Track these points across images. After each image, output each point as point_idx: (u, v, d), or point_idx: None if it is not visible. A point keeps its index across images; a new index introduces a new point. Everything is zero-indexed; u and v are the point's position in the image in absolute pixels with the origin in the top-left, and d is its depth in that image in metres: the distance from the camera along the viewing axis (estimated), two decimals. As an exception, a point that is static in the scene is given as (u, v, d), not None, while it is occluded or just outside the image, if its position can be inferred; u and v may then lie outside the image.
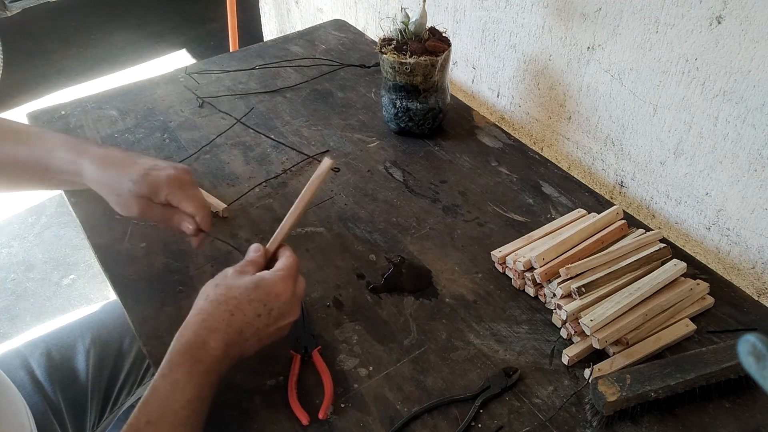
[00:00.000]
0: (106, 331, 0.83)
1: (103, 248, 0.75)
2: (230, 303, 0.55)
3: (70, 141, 0.67)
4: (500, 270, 0.74)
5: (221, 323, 0.54)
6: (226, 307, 0.55)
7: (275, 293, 0.57)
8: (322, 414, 0.58)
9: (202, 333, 0.53)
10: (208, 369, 0.52)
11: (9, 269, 1.78)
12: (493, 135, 0.96)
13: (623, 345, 0.63)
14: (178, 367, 0.52)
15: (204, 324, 0.54)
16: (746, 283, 0.81)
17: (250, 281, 0.57)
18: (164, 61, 2.72)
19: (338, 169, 0.80)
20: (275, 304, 0.57)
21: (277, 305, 0.57)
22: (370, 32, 1.38)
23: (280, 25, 1.96)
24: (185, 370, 0.51)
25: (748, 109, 0.72)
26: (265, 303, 0.56)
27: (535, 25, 0.96)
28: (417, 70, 0.85)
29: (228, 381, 0.57)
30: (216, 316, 0.54)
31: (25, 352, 0.79)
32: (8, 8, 2.38)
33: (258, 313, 0.56)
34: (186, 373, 0.51)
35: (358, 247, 0.77)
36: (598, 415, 0.57)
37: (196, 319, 0.55)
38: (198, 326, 0.54)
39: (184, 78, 1.08)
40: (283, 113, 1.00)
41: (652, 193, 0.89)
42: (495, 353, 0.64)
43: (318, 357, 0.63)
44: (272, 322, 0.57)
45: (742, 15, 0.68)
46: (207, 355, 0.53)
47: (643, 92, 0.84)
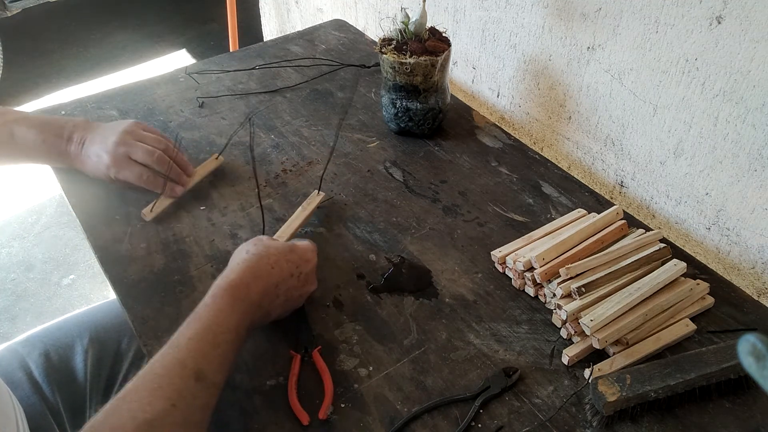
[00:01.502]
0: (105, 331, 0.82)
1: (103, 248, 0.75)
2: (271, 258, 0.61)
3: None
4: (500, 270, 0.74)
5: (264, 272, 0.59)
6: (268, 261, 0.60)
7: (306, 258, 0.64)
8: (323, 414, 0.58)
9: (246, 276, 0.58)
10: (246, 309, 0.56)
11: (9, 269, 1.78)
12: (493, 135, 0.96)
13: (623, 345, 0.63)
14: (221, 299, 0.55)
15: (249, 270, 0.59)
16: (746, 283, 0.81)
17: (286, 245, 0.64)
18: (164, 61, 2.72)
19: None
20: (305, 268, 0.63)
21: (306, 270, 0.63)
22: (370, 32, 1.38)
23: (280, 25, 1.96)
24: (228, 302, 0.55)
25: (748, 109, 0.72)
26: (297, 265, 0.62)
27: (535, 25, 0.96)
28: (417, 70, 0.85)
29: (228, 381, 0.57)
30: (260, 266, 0.59)
31: (23, 352, 0.78)
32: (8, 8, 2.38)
33: (291, 273, 0.62)
34: (229, 305, 0.55)
35: (358, 247, 0.77)
36: (598, 415, 0.57)
37: (240, 266, 0.59)
38: (243, 271, 0.58)
39: (184, 78, 1.08)
40: (283, 113, 1.00)
41: (652, 193, 0.89)
42: (495, 353, 0.64)
43: (318, 357, 0.63)
44: (300, 285, 0.62)
45: (742, 15, 0.68)
46: (248, 296, 0.57)
47: (643, 92, 0.84)
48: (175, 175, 0.79)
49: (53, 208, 1.98)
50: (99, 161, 0.77)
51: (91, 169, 0.79)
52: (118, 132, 0.77)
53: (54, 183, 0.85)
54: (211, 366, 0.51)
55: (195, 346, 0.52)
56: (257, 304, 0.58)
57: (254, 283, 0.58)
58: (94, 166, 0.78)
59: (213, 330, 0.53)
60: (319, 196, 0.79)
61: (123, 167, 0.76)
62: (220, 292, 0.56)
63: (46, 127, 0.78)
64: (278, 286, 0.60)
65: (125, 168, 0.76)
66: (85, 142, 0.78)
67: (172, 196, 0.79)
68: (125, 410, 0.46)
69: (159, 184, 0.78)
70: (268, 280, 0.59)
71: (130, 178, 0.77)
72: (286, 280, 0.61)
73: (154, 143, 0.79)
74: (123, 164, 0.76)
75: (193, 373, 0.50)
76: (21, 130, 0.77)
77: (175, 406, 0.47)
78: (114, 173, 0.77)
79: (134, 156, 0.77)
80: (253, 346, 0.65)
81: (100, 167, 0.77)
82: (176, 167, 0.79)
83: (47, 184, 2.01)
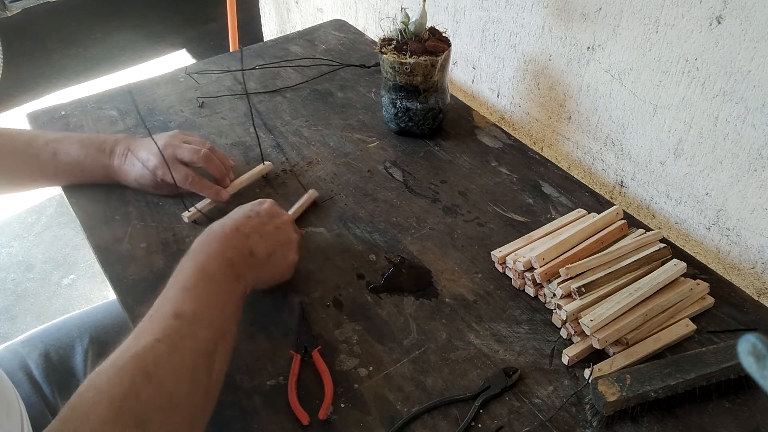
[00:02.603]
0: (105, 331, 0.83)
1: (103, 248, 0.75)
2: (219, 222, 0.65)
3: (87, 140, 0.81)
4: (500, 270, 0.74)
5: (216, 230, 0.63)
6: (218, 224, 0.64)
7: (256, 203, 0.69)
8: (323, 414, 0.58)
9: (201, 239, 0.62)
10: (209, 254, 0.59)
11: (9, 269, 1.78)
12: (493, 135, 0.96)
13: (623, 345, 0.63)
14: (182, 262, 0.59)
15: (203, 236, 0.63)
16: (746, 283, 0.81)
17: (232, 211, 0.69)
18: (164, 61, 2.72)
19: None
20: (259, 208, 0.68)
21: (261, 208, 0.68)
22: (370, 32, 1.38)
23: (280, 25, 1.96)
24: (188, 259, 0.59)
25: (748, 109, 0.72)
26: (250, 209, 0.67)
27: (535, 25, 0.96)
28: (417, 70, 0.85)
29: (228, 381, 0.57)
30: (212, 229, 0.64)
31: (23, 352, 0.78)
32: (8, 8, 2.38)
33: (247, 215, 0.66)
34: (187, 262, 0.58)
35: (358, 247, 0.77)
36: (598, 415, 0.57)
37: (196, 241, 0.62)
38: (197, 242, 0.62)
39: (184, 78, 1.08)
40: (283, 113, 1.00)
41: (652, 193, 0.89)
42: (495, 353, 0.64)
43: (318, 357, 0.63)
44: (265, 221, 0.66)
45: (742, 15, 0.68)
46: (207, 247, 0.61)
47: (643, 92, 0.84)
48: (220, 174, 0.80)
49: (53, 208, 1.98)
50: (146, 165, 0.78)
51: (135, 177, 0.79)
52: (163, 137, 0.80)
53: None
54: (186, 304, 0.54)
55: (167, 293, 0.55)
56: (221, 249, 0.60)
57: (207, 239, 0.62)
58: (138, 173, 0.78)
59: (178, 280, 0.56)
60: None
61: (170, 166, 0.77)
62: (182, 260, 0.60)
63: (87, 143, 0.79)
64: (238, 228, 0.63)
65: (172, 169, 0.77)
66: (129, 153, 0.79)
67: (218, 200, 0.79)
68: (119, 350, 0.49)
69: (203, 187, 0.79)
70: (224, 230, 0.63)
71: (177, 179, 0.77)
72: (245, 222, 0.65)
73: (199, 145, 0.80)
74: (170, 163, 0.77)
75: (171, 314, 0.52)
76: (63, 148, 0.78)
77: (158, 339, 0.50)
78: (161, 174, 0.77)
79: (181, 155, 0.78)
80: (253, 346, 0.65)
81: (145, 172, 0.78)
82: (221, 166, 0.80)
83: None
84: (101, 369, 0.48)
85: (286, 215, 0.70)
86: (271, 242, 0.65)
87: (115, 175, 0.80)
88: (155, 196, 0.82)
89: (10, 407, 0.61)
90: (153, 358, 0.48)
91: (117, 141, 0.80)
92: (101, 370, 0.48)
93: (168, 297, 0.55)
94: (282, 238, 0.67)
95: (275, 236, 0.66)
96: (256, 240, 0.64)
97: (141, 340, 0.50)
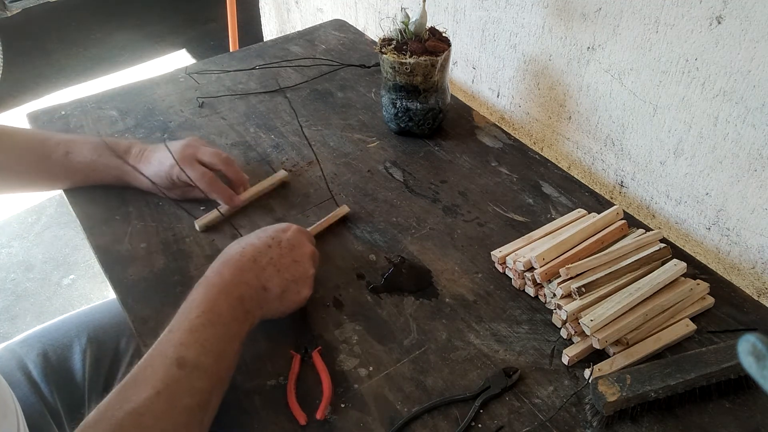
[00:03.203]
0: (103, 331, 0.82)
1: (103, 248, 0.75)
2: (242, 242, 0.64)
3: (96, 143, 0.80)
4: (500, 270, 0.74)
5: (234, 256, 0.62)
6: (239, 246, 0.63)
7: (281, 229, 0.66)
8: (320, 414, 0.58)
9: (216, 266, 0.61)
10: (221, 290, 0.58)
11: (9, 269, 1.78)
12: (493, 135, 0.96)
13: (623, 345, 0.63)
14: (194, 291, 0.58)
15: (219, 262, 0.62)
16: (746, 283, 0.81)
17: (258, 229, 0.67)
18: (164, 61, 2.72)
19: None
20: (282, 236, 0.65)
21: (284, 237, 0.65)
22: (370, 32, 1.38)
23: (280, 25, 1.96)
24: (199, 291, 0.58)
25: (748, 109, 0.72)
26: (273, 237, 0.65)
27: (535, 25, 0.96)
28: (417, 70, 0.85)
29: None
30: (229, 253, 0.62)
31: (21, 352, 0.78)
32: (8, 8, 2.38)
33: (268, 245, 0.64)
34: (201, 294, 0.57)
35: (358, 247, 0.76)
36: (598, 415, 0.57)
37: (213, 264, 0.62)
38: (214, 264, 0.61)
39: (184, 78, 1.08)
40: (283, 113, 1.00)
41: (652, 193, 0.89)
42: (495, 353, 0.64)
43: (318, 357, 0.63)
44: (285, 253, 0.64)
45: (742, 15, 0.68)
46: (221, 279, 0.59)
47: (643, 92, 0.84)
48: (238, 180, 0.80)
49: (53, 208, 1.98)
50: (163, 162, 0.77)
51: (151, 174, 0.78)
52: (184, 139, 0.80)
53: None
54: (190, 351, 0.52)
55: (172, 335, 0.54)
56: (234, 282, 0.59)
57: (225, 267, 0.60)
58: (154, 171, 0.78)
59: (188, 317, 0.55)
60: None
61: (187, 166, 0.76)
62: (194, 288, 0.59)
63: (100, 144, 0.79)
64: (256, 260, 0.62)
65: (190, 167, 0.76)
66: (146, 152, 0.79)
67: (231, 204, 0.79)
68: (114, 402, 0.48)
69: (218, 189, 0.78)
70: (241, 259, 0.61)
71: (194, 176, 0.76)
72: (263, 252, 0.63)
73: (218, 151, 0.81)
74: (188, 163, 0.77)
75: (174, 360, 0.51)
76: (76, 148, 0.79)
77: (159, 392, 0.49)
78: (178, 171, 0.76)
79: (201, 156, 0.78)
80: (252, 346, 0.65)
81: (162, 169, 0.77)
82: (240, 172, 0.81)
83: (47, 184, 2.01)
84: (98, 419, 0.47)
85: (308, 246, 0.66)
86: (286, 277, 0.63)
87: (127, 175, 0.80)
88: (156, 196, 0.82)
89: (6, 407, 0.61)
90: (151, 415, 0.48)
91: (132, 143, 0.81)
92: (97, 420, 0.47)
93: (172, 340, 0.53)
94: (298, 274, 0.64)
95: (292, 270, 0.63)
96: (272, 274, 0.62)
97: (141, 391, 0.49)
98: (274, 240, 0.64)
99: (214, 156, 0.78)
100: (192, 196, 0.81)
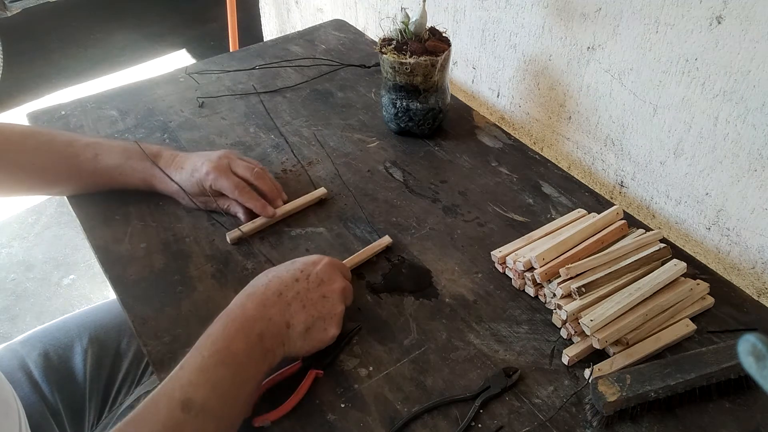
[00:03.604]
0: (104, 331, 0.82)
1: (103, 248, 0.75)
2: (269, 274, 0.62)
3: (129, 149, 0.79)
4: (500, 270, 0.74)
5: (259, 288, 0.59)
6: (266, 278, 0.61)
7: (311, 262, 0.63)
8: (258, 422, 0.56)
9: (241, 298, 0.59)
10: (241, 325, 0.55)
11: (9, 269, 1.78)
12: (493, 135, 0.96)
13: (623, 345, 0.63)
14: (214, 324, 0.55)
15: (244, 294, 0.59)
16: (746, 283, 0.81)
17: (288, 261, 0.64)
18: (164, 61, 2.72)
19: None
20: (312, 269, 0.62)
21: (314, 270, 0.62)
22: (370, 32, 1.38)
23: (280, 25, 1.96)
24: (218, 325, 0.55)
25: (748, 109, 0.72)
26: (302, 270, 0.62)
27: (535, 25, 0.96)
28: (417, 70, 0.85)
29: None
30: (255, 285, 0.60)
31: (23, 352, 0.78)
32: (8, 8, 2.38)
33: (296, 278, 0.61)
34: (219, 328, 0.55)
35: (358, 247, 0.76)
36: (598, 415, 0.57)
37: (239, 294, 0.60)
38: (239, 297, 0.59)
39: (184, 78, 1.08)
40: (283, 113, 1.00)
41: (652, 193, 0.89)
42: (495, 353, 0.64)
43: (310, 377, 0.60)
44: (312, 287, 0.61)
45: (742, 15, 0.68)
46: (242, 313, 0.56)
47: (643, 92, 0.84)
48: (272, 194, 0.79)
49: (53, 208, 1.98)
50: (197, 170, 0.76)
51: (181, 180, 0.77)
52: (220, 150, 0.80)
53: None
54: (199, 392, 0.49)
55: (182, 373, 0.51)
56: (256, 317, 0.56)
57: (249, 300, 0.58)
58: (186, 177, 0.77)
59: (202, 353, 0.52)
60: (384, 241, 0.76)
61: (222, 176, 0.76)
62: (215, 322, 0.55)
63: (129, 148, 0.78)
64: (282, 294, 0.59)
65: (224, 177, 0.76)
66: (177, 158, 0.78)
67: (264, 214, 0.78)
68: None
69: (251, 198, 0.77)
70: (266, 292, 0.58)
71: (227, 187, 0.76)
72: (290, 286, 0.60)
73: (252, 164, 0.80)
74: (223, 173, 0.76)
75: (179, 403, 0.48)
76: (104, 150, 0.77)
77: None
78: (212, 179, 0.75)
79: (235, 168, 0.77)
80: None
81: (194, 177, 0.76)
82: (273, 186, 0.80)
83: (47, 184, 2.01)
84: None
85: (339, 281, 0.63)
86: (312, 313, 0.60)
87: (154, 179, 0.79)
88: (155, 196, 0.82)
89: (8, 406, 0.61)
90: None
91: (162, 148, 0.80)
92: None
93: (181, 378, 0.50)
94: (326, 310, 0.61)
95: (319, 307, 0.60)
96: (297, 309, 0.59)
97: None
98: (303, 273, 0.61)
99: (248, 170, 0.78)
100: (215, 206, 0.79)
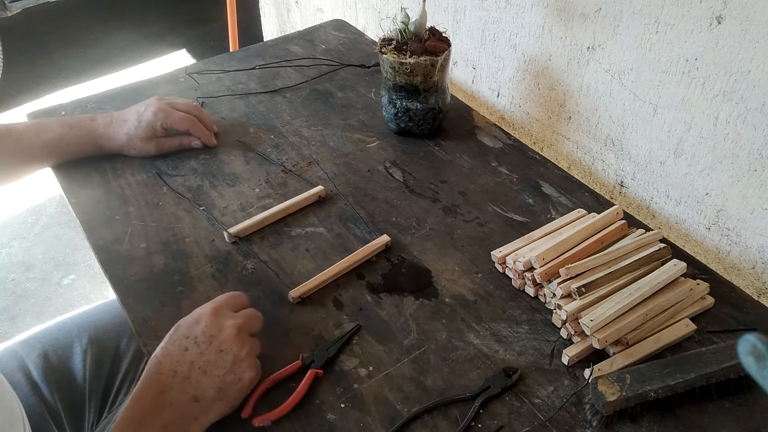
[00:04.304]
0: (103, 332, 0.82)
1: (103, 248, 0.75)
2: (158, 352, 0.56)
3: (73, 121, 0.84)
4: (500, 270, 0.74)
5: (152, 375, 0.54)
6: (155, 359, 0.56)
7: (194, 321, 0.58)
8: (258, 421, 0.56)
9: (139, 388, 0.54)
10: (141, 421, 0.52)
11: (9, 269, 1.78)
12: (493, 135, 0.96)
13: (623, 345, 0.63)
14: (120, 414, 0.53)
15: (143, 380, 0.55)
16: (746, 283, 0.81)
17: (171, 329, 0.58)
18: (164, 61, 2.72)
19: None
20: (196, 330, 0.57)
21: (199, 331, 0.57)
22: (370, 32, 1.38)
23: (280, 25, 1.96)
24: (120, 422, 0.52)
25: (748, 109, 0.72)
26: (186, 336, 0.57)
27: (535, 25, 0.96)
28: (417, 70, 0.85)
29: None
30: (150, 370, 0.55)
31: (22, 353, 0.78)
32: (8, 8, 2.38)
33: (184, 348, 0.56)
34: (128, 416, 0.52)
35: (358, 247, 0.76)
36: (598, 415, 0.57)
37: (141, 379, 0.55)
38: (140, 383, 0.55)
39: (184, 78, 1.08)
40: (283, 113, 1.00)
41: (652, 193, 0.89)
42: (495, 353, 0.64)
43: (310, 377, 0.60)
44: (204, 349, 0.56)
45: (742, 15, 0.68)
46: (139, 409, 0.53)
47: (643, 92, 0.84)
48: (209, 127, 0.90)
49: (53, 208, 1.98)
50: (142, 116, 0.83)
51: (127, 131, 0.83)
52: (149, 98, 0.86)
53: (54, 183, 0.85)
54: None
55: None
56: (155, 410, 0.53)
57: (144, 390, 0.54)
58: (132, 127, 0.83)
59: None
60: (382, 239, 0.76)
61: (169, 114, 0.84)
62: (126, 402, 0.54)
63: (68, 119, 0.84)
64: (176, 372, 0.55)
65: (171, 115, 0.84)
66: (115, 115, 0.85)
67: (212, 144, 0.89)
68: None
69: (200, 129, 0.88)
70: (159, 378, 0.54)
71: (178, 120, 0.84)
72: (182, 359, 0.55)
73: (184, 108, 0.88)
74: (169, 111, 0.84)
75: None
76: (45, 128, 0.83)
77: None
78: (163, 118, 0.83)
79: (176, 105, 0.86)
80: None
81: (142, 123, 0.83)
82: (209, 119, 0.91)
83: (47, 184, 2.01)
84: None
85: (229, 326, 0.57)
86: (216, 373, 0.55)
87: (101, 139, 0.84)
88: (155, 197, 0.82)
89: (13, 415, 0.60)
90: None
91: (95, 113, 0.87)
92: None
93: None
94: (229, 363, 0.56)
95: (221, 363, 0.55)
96: (199, 379, 0.54)
97: None
98: (189, 339, 0.56)
99: (187, 105, 0.87)
100: (166, 148, 0.87)
